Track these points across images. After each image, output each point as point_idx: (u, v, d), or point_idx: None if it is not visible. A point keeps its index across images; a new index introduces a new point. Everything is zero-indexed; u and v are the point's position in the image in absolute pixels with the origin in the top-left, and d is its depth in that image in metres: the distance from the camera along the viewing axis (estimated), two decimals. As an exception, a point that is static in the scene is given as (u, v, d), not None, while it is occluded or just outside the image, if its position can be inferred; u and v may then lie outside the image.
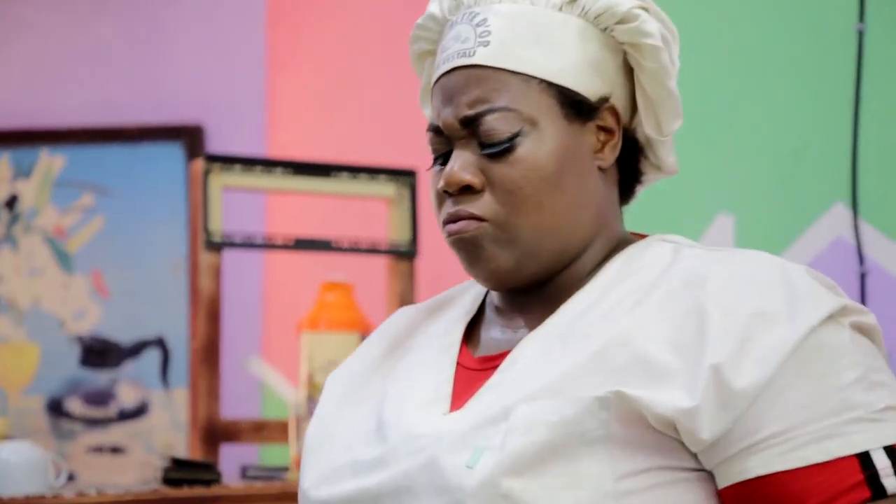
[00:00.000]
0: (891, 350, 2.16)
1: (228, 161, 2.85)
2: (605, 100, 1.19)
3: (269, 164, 2.90)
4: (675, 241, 1.19)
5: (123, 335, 3.70)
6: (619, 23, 1.19)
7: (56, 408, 3.71)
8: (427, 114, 1.27)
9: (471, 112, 1.16)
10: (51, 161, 3.76)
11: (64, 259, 3.74)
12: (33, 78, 3.80)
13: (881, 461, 1.03)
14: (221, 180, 2.84)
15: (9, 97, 3.80)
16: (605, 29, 1.19)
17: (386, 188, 2.95)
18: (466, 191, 1.16)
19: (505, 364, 1.14)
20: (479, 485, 1.05)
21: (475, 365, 1.18)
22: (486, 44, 1.16)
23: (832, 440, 1.02)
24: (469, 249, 1.17)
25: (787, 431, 1.03)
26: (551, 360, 1.11)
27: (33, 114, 3.78)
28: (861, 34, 2.17)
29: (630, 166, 1.23)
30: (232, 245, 2.86)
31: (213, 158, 2.85)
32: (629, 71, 1.21)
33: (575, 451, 1.05)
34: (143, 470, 3.58)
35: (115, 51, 3.76)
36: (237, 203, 3.20)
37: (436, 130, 1.19)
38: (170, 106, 3.72)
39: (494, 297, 1.24)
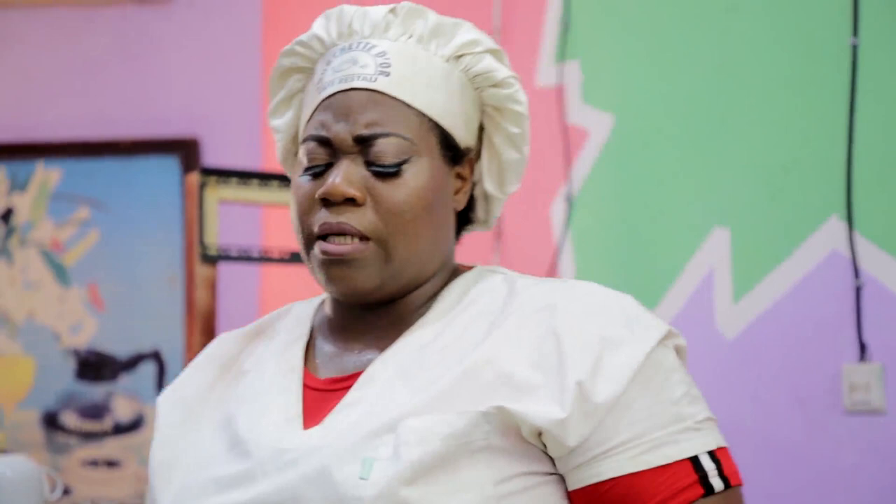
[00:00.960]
0: (888, 363, 2.16)
1: (224, 174, 2.85)
2: (468, 150, 1.30)
3: (264, 178, 2.91)
4: (503, 272, 1.31)
5: (119, 348, 3.69)
6: (493, 86, 1.30)
7: (51, 421, 3.70)
8: (274, 125, 1.36)
9: (366, 132, 1.24)
10: (46, 174, 3.76)
11: (60, 272, 3.74)
12: (29, 91, 3.80)
13: (708, 464, 1.18)
14: (217, 193, 2.84)
15: (4, 110, 3.80)
16: (477, 89, 1.30)
17: (382, 201, 2.95)
18: (348, 203, 1.23)
19: (361, 383, 1.22)
20: (377, 495, 1.12)
21: (322, 385, 1.25)
22: (387, 74, 1.26)
23: (669, 447, 1.17)
24: (342, 267, 1.23)
25: (633, 439, 1.17)
26: (412, 380, 1.20)
27: (29, 127, 3.78)
28: (855, 48, 2.18)
29: (464, 214, 1.34)
30: (228, 258, 2.86)
31: (208, 172, 2.85)
32: (479, 131, 1.33)
33: (460, 460, 1.15)
34: (138, 484, 3.57)
35: (111, 64, 3.76)
36: (233, 216, 3.20)
37: (321, 141, 1.25)
38: (165, 119, 3.72)
39: (333, 318, 1.30)
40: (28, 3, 3.78)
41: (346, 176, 1.23)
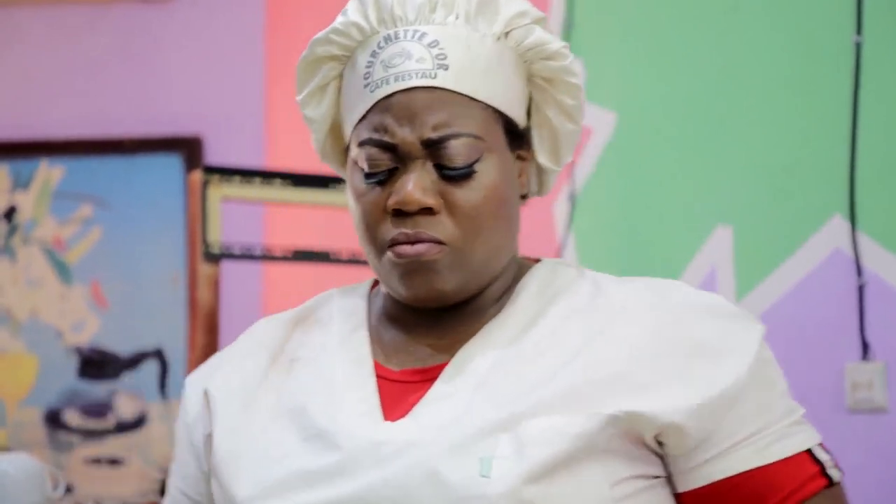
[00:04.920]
0: (891, 362, 2.16)
1: (227, 172, 2.85)
2: (528, 130, 1.25)
3: (267, 176, 2.91)
4: (574, 267, 1.27)
5: (122, 346, 3.69)
6: (545, 59, 1.23)
7: (54, 419, 3.70)
8: (310, 115, 1.26)
9: (434, 135, 1.17)
10: (49, 172, 3.76)
11: (62, 270, 3.74)
12: (31, 89, 3.80)
13: (822, 455, 1.19)
14: (220, 191, 2.84)
15: (7, 108, 3.80)
16: (526, 62, 1.23)
17: (384, 200, 2.95)
18: (424, 212, 1.17)
19: (448, 375, 1.17)
20: (502, 493, 1.10)
21: (399, 377, 1.20)
22: (446, 67, 1.18)
23: (789, 439, 1.18)
24: (421, 272, 1.18)
25: (756, 433, 1.16)
26: (511, 376, 1.16)
27: (32, 125, 3.78)
28: (859, 46, 2.17)
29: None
30: (230, 256, 2.86)
31: (211, 170, 2.85)
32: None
33: (580, 461, 1.13)
34: (140, 482, 3.57)
35: (114, 62, 3.76)
36: (236, 214, 3.20)
37: (384, 146, 1.18)
38: (168, 117, 3.72)
39: (393, 309, 1.24)
40: (31, 1, 3.78)
41: (419, 184, 1.16)
